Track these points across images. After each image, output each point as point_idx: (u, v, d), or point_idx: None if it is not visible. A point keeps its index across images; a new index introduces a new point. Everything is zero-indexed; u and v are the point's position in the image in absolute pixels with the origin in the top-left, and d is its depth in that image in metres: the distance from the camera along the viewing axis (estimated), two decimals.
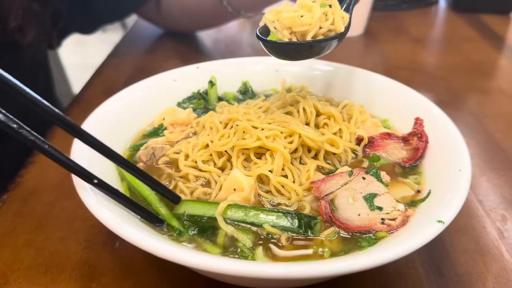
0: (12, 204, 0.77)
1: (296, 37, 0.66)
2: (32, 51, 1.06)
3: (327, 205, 0.57)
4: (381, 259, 0.45)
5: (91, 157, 0.62)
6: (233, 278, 0.52)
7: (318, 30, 0.65)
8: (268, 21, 0.67)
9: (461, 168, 0.58)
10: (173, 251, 0.46)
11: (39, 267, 0.65)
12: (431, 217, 0.51)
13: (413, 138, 0.67)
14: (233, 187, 0.59)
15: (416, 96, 0.75)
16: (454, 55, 1.38)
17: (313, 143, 0.64)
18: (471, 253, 0.68)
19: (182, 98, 0.84)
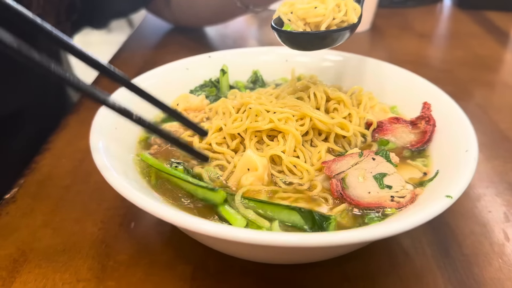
0: (28, 188, 0.79)
1: (310, 27, 0.68)
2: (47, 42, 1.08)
3: (338, 183, 0.59)
4: (393, 229, 0.46)
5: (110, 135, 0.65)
6: (249, 250, 0.54)
7: (332, 21, 0.67)
8: (282, 13, 0.69)
9: (468, 149, 0.60)
10: (193, 220, 0.47)
11: (57, 246, 0.67)
12: (440, 193, 0.53)
13: (421, 122, 0.69)
14: (247, 167, 0.61)
15: (423, 83, 0.77)
16: (459, 50, 1.40)
17: (323, 125, 0.66)
18: (477, 235, 0.69)
19: (194, 86, 0.86)
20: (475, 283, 0.62)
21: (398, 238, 0.68)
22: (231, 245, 0.52)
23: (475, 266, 0.64)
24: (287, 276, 0.62)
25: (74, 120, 1.00)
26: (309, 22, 0.67)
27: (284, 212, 0.56)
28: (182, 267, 0.63)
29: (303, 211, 0.55)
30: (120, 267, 0.64)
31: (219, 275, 0.62)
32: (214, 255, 0.64)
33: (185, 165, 0.64)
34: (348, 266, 0.63)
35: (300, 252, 0.52)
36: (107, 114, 0.69)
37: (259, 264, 0.63)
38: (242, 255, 0.58)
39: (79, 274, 0.63)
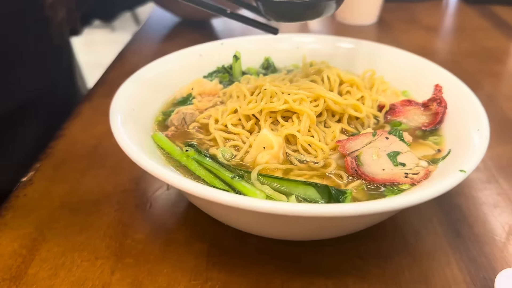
0: (45, 172, 0.81)
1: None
2: (58, 32, 1.10)
3: (353, 160, 0.60)
4: (411, 200, 0.48)
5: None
6: (270, 223, 0.55)
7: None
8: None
9: (480, 128, 0.61)
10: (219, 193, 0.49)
11: (75, 227, 0.69)
12: (453, 168, 0.54)
13: (433, 104, 0.70)
14: (263, 145, 0.62)
15: (434, 67, 0.79)
16: (466, 42, 1.41)
17: (337, 106, 0.67)
18: (487, 216, 0.71)
19: (207, 72, 0.87)
20: (486, 260, 0.63)
21: (409, 219, 0.70)
22: (252, 217, 0.53)
23: (486, 245, 0.66)
24: (299, 253, 0.63)
25: (87, 108, 1.02)
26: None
27: (300, 187, 0.57)
28: (198, 245, 0.65)
29: (319, 186, 0.56)
30: (137, 245, 0.65)
31: (235, 252, 0.64)
32: (229, 233, 0.66)
33: (197, 147, 0.65)
34: (360, 245, 0.65)
35: (318, 223, 0.53)
36: (124, 96, 0.70)
37: (273, 242, 0.64)
38: (260, 229, 0.60)
39: (97, 252, 0.64)
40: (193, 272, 0.61)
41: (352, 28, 1.52)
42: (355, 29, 1.52)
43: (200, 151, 0.64)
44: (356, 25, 1.52)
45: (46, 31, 1.06)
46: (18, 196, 0.75)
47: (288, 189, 0.57)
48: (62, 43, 1.16)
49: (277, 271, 0.61)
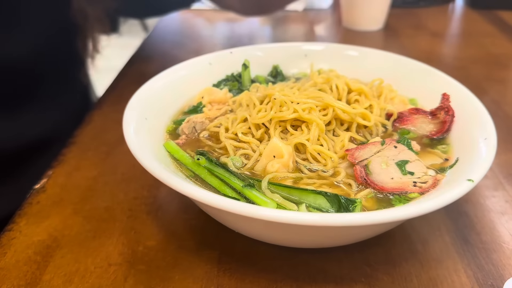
0: (57, 179, 0.82)
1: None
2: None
3: (362, 169, 0.61)
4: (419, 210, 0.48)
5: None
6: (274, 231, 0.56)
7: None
8: None
9: (487, 137, 0.62)
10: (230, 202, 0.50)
11: (88, 233, 0.70)
12: (461, 178, 0.55)
13: (440, 112, 0.71)
14: (273, 154, 0.63)
15: (441, 75, 0.79)
16: (472, 48, 1.41)
17: (346, 115, 0.68)
18: (495, 224, 0.71)
19: (217, 81, 0.89)
20: (494, 268, 0.64)
21: (417, 227, 0.70)
22: (263, 225, 0.54)
23: (493, 252, 0.66)
24: (308, 260, 0.64)
25: (98, 115, 1.03)
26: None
27: (311, 196, 0.58)
28: (208, 252, 0.66)
29: (329, 195, 0.57)
30: (149, 252, 0.66)
31: (245, 259, 0.64)
32: (239, 240, 0.67)
33: (208, 156, 0.66)
34: (369, 252, 0.65)
35: (327, 232, 0.54)
36: (137, 105, 0.72)
37: (283, 249, 0.65)
38: (270, 237, 0.61)
39: (110, 259, 0.65)
40: (204, 279, 0.62)
41: (358, 34, 1.54)
42: (361, 35, 1.53)
43: (211, 160, 0.65)
44: (363, 31, 1.54)
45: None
46: (31, 203, 0.76)
47: (298, 198, 0.58)
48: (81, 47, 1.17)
49: (287, 278, 0.62)
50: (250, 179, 0.63)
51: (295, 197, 0.59)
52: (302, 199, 0.58)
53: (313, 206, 0.57)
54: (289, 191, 0.59)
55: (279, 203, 0.57)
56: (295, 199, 0.59)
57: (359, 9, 1.50)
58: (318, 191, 0.58)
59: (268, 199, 0.57)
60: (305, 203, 0.57)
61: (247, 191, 0.59)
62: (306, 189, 0.59)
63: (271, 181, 0.61)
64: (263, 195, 0.58)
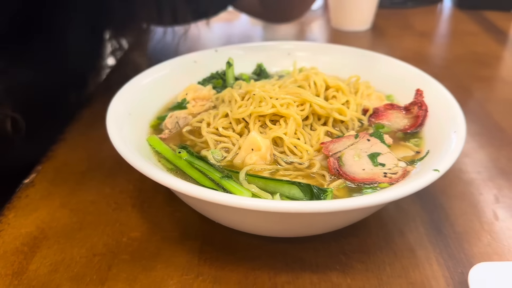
0: (46, 174, 0.84)
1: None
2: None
3: (335, 161, 0.64)
4: (385, 197, 0.51)
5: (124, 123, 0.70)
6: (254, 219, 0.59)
7: None
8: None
9: (456, 130, 0.65)
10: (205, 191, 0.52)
11: (74, 225, 0.72)
12: (428, 168, 0.58)
13: (414, 107, 0.74)
14: (251, 147, 0.66)
15: (415, 71, 0.83)
16: (457, 47, 1.44)
17: (322, 110, 0.71)
18: (468, 215, 0.74)
19: (202, 78, 0.91)
20: (465, 256, 0.66)
21: (393, 218, 0.73)
22: (238, 214, 0.57)
23: (465, 242, 0.69)
24: (286, 249, 0.66)
25: (87, 113, 1.06)
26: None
27: (285, 186, 0.60)
28: (191, 242, 0.68)
29: (302, 185, 0.59)
30: (133, 242, 0.69)
31: (225, 249, 0.67)
32: (221, 232, 0.69)
33: (189, 149, 0.69)
34: (345, 242, 0.68)
35: (300, 219, 0.56)
36: (121, 102, 0.74)
37: (262, 239, 0.67)
38: (247, 226, 0.63)
39: (95, 249, 0.67)
40: (185, 268, 0.64)
41: (346, 35, 1.56)
42: (349, 35, 1.56)
43: (192, 153, 0.67)
44: (351, 31, 1.56)
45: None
46: (20, 197, 0.78)
47: (274, 188, 0.61)
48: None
49: (265, 266, 0.64)
50: (229, 171, 0.65)
51: (271, 188, 0.61)
52: (277, 189, 0.60)
53: (287, 195, 0.60)
54: (265, 182, 0.62)
55: (255, 193, 0.60)
56: (270, 190, 0.61)
57: (347, 10, 1.53)
58: (292, 182, 0.60)
59: (244, 189, 0.59)
60: (279, 193, 0.59)
61: (225, 182, 0.61)
62: (281, 180, 0.61)
63: (248, 172, 0.64)
64: (239, 185, 0.61)
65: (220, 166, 0.67)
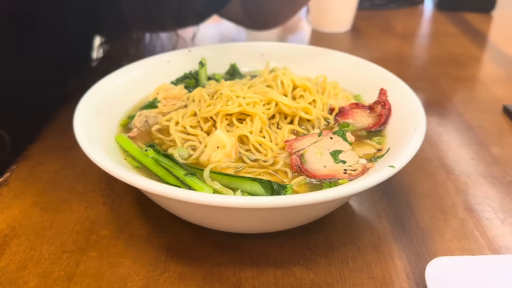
0: (20, 173, 0.85)
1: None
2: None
3: (297, 158, 0.65)
4: (339, 192, 0.53)
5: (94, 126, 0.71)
6: (215, 216, 0.60)
7: None
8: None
9: (416, 128, 0.66)
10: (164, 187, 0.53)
11: (45, 223, 0.73)
12: (386, 165, 0.59)
13: (378, 106, 0.76)
14: (216, 145, 0.67)
15: (382, 71, 0.84)
16: (435, 48, 1.46)
17: (288, 109, 0.72)
18: (433, 212, 0.75)
19: (175, 78, 0.92)
20: (427, 252, 0.67)
21: (359, 214, 0.74)
22: (200, 210, 0.58)
23: (428, 238, 0.70)
24: (253, 245, 0.67)
25: (65, 113, 1.06)
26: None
27: (247, 183, 0.62)
28: (159, 240, 0.69)
29: (263, 181, 0.61)
30: (102, 240, 0.69)
31: (193, 246, 0.68)
32: (189, 229, 0.70)
33: (157, 147, 0.70)
34: (310, 238, 0.69)
35: (259, 214, 0.58)
36: (90, 101, 0.75)
37: (230, 236, 0.68)
38: (209, 223, 0.64)
39: (64, 246, 0.68)
40: (152, 264, 0.65)
41: (326, 36, 1.58)
42: (329, 36, 1.58)
43: (158, 151, 0.68)
44: (330, 33, 1.58)
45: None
46: None
47: (237, 185, 0.62)
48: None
49: (230, 262, 0.65)
50: (194, 168, 0.66)
51: (234, 185, 0.62)
52: (240, 186, 0.62)
53: (248, 192, 0.61)
54: (229, 179, 0.63)
55: (217, 190, 0.61)
56: (233, 186, 0.62)
57: (326, 11, 1.55)
58: (253, 178, 0.62)
59: (206, 186, 0.61)
60: (241, 190, 0.61)
61: (188, 179, 0.62)
62: (243, 176, 0.63)
63: (213, 170, 0.65)
64: (202, 182, 0.62)
65: (186, 164, 0.68)
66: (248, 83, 0.83)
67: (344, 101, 0.81)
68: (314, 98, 0.77)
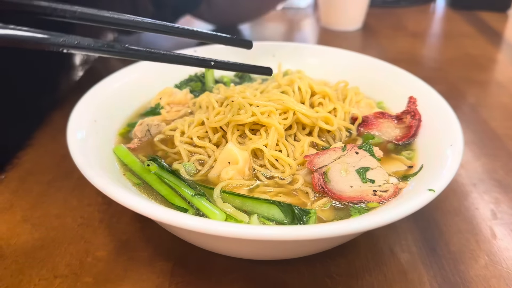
0: (9, 183, 0.78)
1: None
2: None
3: (320, 177, 0.58)
4: (373, 223, 0.45)
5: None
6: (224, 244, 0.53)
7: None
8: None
9: (453, 143, 0.59)
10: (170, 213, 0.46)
11: (35, 242, 0.66)
12: (422, 187, 0.52)
13: (407, 117, 0.68)
14: (228, 160, 0.60)
15: (410, 77, 0.77)
16: (451, 49, 1.39)
17: (307, 119, 0.65)
18: (464, 233, 0.68)
19: (179, 81, 0.85)
20: (461, 280, 0.61)
21: (383, 236, 0.67)
22: (208, 239, 0.51)
23: (461, 263, 0.63)
24: (267, 272, 0.60)
25: (58, 116, 0.99)
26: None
27: (264, 206, 0.54)
28: (161, 264, 0.62)
29: (282, 205, 0.53)
30: (98, 263, 0.62)
31: (199, 272, 0.61)
32: (195, 251, 0.63)
33: (160, 161, 0.63)
34: (331, 263, 0.62)
35: (279, 246, 0.51)
36: (85, 108, 0.68)
37: (241, 260, 0.61)
38: (221, 250, 0.57)
39: (56, 270, 0.61)
40: None
41: (337, 34, 1.51)
42: (340, 35, 1.50)
43: (162, 166, 0.61)
44: (341, 31, 1.51)
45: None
46: None
47: (252, 208, 0.55)
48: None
49: None
50: (203, 186, 0.59)
51: (249, 207, 0.55)
52: (255, 209, 0.54)
53: (265, 216, 0.54)
54: (242, 200, 0.56)
55: (230, 214, 0.54)
56: (248, 209, 0.55)
57: (337, 9, 1.47)
58: (271, 201, 0.54)
59: (218, 209, 0.53)
60: (257, 214, 0.53)
61: (197, 200, 0.55)
62: (259, 198, 0.55)
63: (224, 189, 0.58)
64: (212, 205, 0.55)
65: (193, 181, 0.60)
66: (259, 87, 0.75)
67: (367, 109, 0.74)
68: (334, 106, 0.70)
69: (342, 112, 0.70)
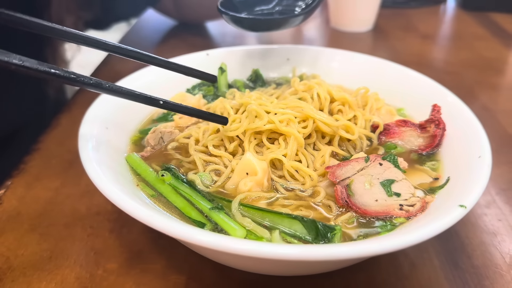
0: (16, 190, 0.76)
1: None
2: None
3: (343, 190, 0.55)
4: (404, 242, 0.43)
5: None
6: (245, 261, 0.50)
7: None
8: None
9: (481, 155, 0.56)
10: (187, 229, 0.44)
11: (44, 253, 0.64)
12: (452, 202, 0.50)
13: (430, 125, 0.66)
14: (246, 171, 0.57)
15: (431, 83, 0.74)
16: (464, 51, 1.36)
17: (327, 128, 0.62)
18: (487, 246, 0.66)
19: (191, 85, 0.82)
20: None
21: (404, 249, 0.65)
22: (227, 256, 0.48)
23: (485, 278, 0.61)
24: (287, 287, 0.58)
25: (66, 119, 0.96)
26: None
27: (286, 221, 0.52)
28: (175, 277, 0.60)
29: (306, 220, 0.51)
30: (109, 276, 0.60)
31: (215, 286, 0.59)
32: (210, 264, 0.61)
33: (174, 171, 0.60)
34: (352, 278, 0.60)
35: (303, 265, 0.48)
36: (97, 114, 0.65)
37: (258, 275, 0.59)
38: (240, 267, 0.55)
39: (65, 284, 0.59)
40: None
41: (347, 36, 1.48)
42: (350, 36, 1.47)
43: (177, 176, 0.58)
44: (352, 32, 1.48)
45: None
46: None
47: (272, 222, 0.52)
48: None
49: None
50: (220, 198, 0.57)
51: (269, 222, 0.52)
52: (276, 224, 0.52)
53: (287, 232, 0.51)
54: (262, 214, 0.53)
55: (250, 229, 0.51)
56: (269, 224, 0.52)
57: (348, 10, 1.44)
58: (293, 216, 0.52)
59: (237, 225, 0.51)
60: (278, 230, 0.51)
61: (215, 214, 0.52)
62: (280, 213, 0.53)
63: (242, 202, 0.55)
64: (231, 220, 0.52)
65: (210, 192, 0.58)
66: (275, 92, 0.73)
67: (388, 117, 0.71)
68: (354, 114, 0.67)
69: (362, 120, 0.67)
